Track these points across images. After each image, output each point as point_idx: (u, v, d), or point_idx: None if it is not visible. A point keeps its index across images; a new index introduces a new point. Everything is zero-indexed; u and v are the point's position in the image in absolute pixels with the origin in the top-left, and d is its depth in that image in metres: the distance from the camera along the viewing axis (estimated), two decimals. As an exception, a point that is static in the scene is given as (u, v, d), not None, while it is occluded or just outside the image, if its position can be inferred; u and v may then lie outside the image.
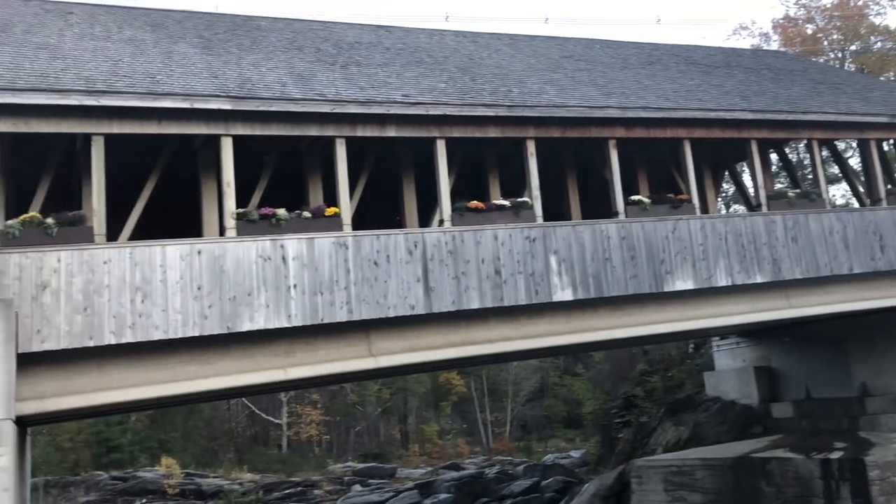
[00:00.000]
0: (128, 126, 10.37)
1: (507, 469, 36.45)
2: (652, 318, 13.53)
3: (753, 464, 16.25)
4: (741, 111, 14.31)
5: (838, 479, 14.67)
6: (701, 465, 17.32)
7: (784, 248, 14.23)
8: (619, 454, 23.73)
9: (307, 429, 43.49)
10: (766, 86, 16.76)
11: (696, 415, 21.48)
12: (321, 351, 11.27)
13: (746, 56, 20.53)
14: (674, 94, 14.72)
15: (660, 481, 17.80)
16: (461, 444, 46.78)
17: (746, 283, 13.84)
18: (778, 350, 20.56)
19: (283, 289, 10.56)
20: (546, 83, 14.14)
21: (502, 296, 11.92)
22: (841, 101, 16.31)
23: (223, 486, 34.64)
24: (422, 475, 36.22)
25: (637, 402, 25.87)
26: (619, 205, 13.20)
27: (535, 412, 50.89)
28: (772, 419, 20.07)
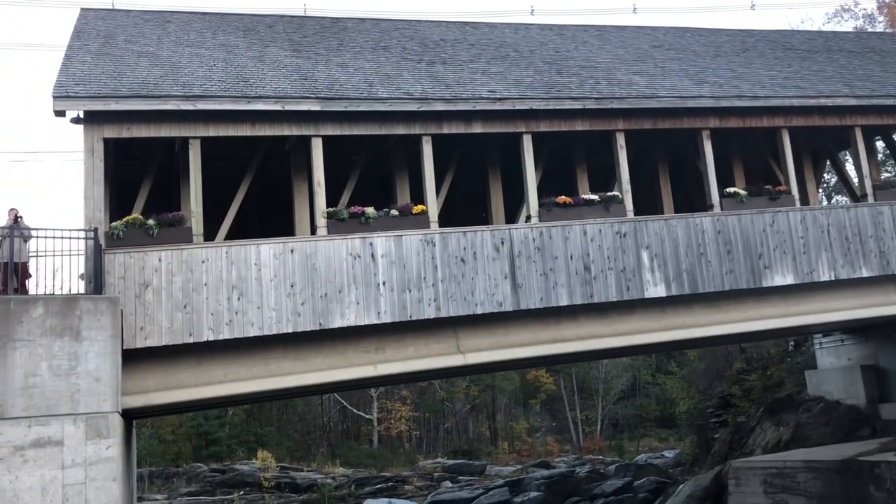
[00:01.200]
0: (223, 129, 10.70)
1: (599, 468, 35.90)
2: (749, 314, 13.05)
3: (861, 467, 15.44)
4: (844, 97, 13.63)
5: (955, 486, 13.79)
6: (804, 467, 16.58)
7: (893, 240, 13.48)
8: (715, 455, 23.01)
9: (397, 424, 44.03)
10: (872, 70, 15.89)
11: (798, 415, 20.59)
12: (410, 347, 11.37)
13: (849, 39, 19.51)
14: (770, 82, 14.13)
15: (759, 483, 17.13)
16: (551, 442, 46.42)
17: (851, 278, 13.19)
18: (886, 348, 19.49)
19: (372, 286, 10.69)
20: (635, 74, 13.82)
21: (592, 292, 11.73)
22: (959, 81, 15.31)
23: (316, 480, 35.43)
24: (511, 473, 36.12)
25: (734, 401, 25.04)
26: (714, 197, 12.79)
27: (626, 411, 50.00)
28: (881, 421, 19.04)
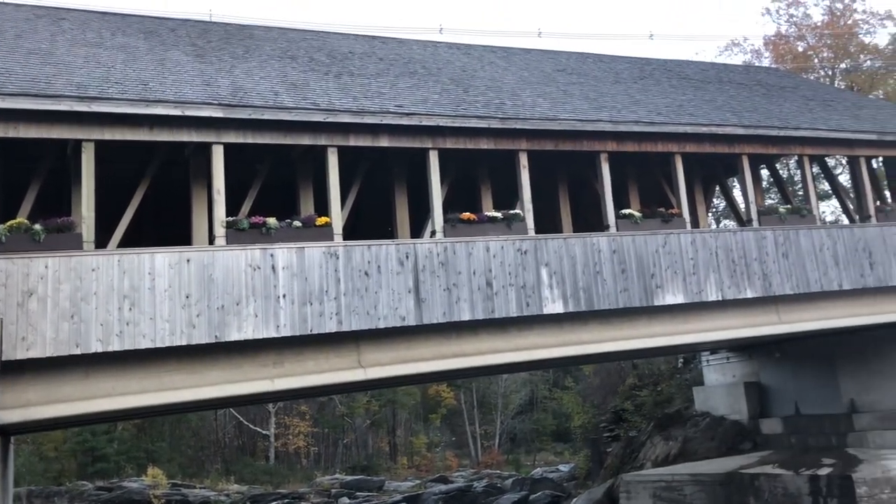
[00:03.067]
0: (119, 132, 10.31)
1: (496, 482, 36.29)
2: (642, 331, 13.52)
3: (742, 480, 16.21)
4: (732, 126, 14.37)
5: (826, 496, 14.64)
6: (690, 480, 17.28)
7: (774, 263, 14.26)
8: (608, 468, 23.66)
9: (295, 440, 43.22)
10: (758, 101, 16.85)
11: (686, 430, 21.45)
12: (310, 362, 11.21)
13: (738, 72, 20.66)
14: (665, 109, 14.77)
15: (649, 496, 17.74)
16: (450, 456, 46.59)
17: (737, 298, 13.86)
18: (768, 366, 20.58)
19: (272, 298, 10.50)
20: (539, 96, 14.17)
21: (493, 308, 11.89)
22: (831, 117, 16.42)
23: (210, 498, 34.31)
24: (410, 488, 36.02)
25: (626, 416, 25.85)
26: (611, 218, 13.21)
27: (524, 425, 50.78)
28: (761, 435, 20.08)
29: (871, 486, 14.31)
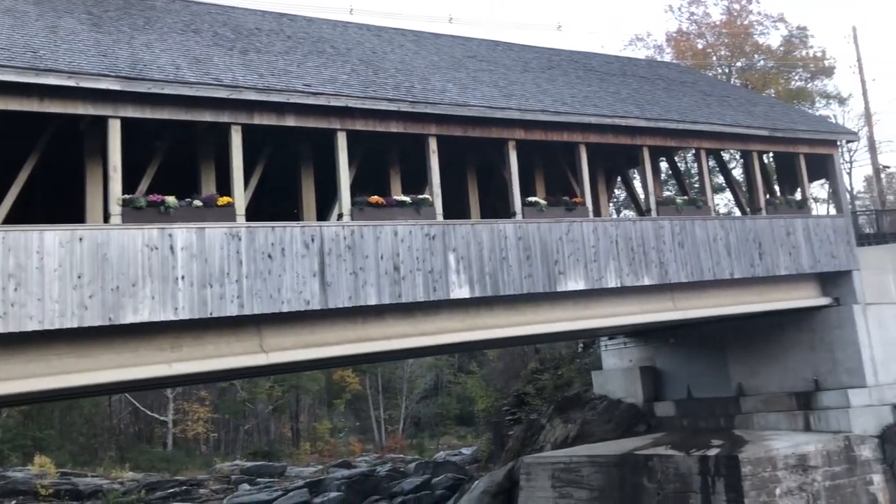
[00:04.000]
0: (4, 102, 9.69)
1: (399, 467, 36.46)
2: (545, 317, 13.80)
3: (637, 461, 16.79)
4: (635, 118, 14.77)
5: (714, 475, 15.35)
6: (587, 462, 17.77)
7: (671, 252, 14.78)
8: (510, 451, 24.10)
9: (194, 426, 42.14)
10: (659, 95, 17.37)
11: (584, 413, 22.04)
12: (209, 346, 10.92)
13: (641, 66, 21.24)
14: (571, 99, 15.04)
15: (547, 478, 18.15)
16: (353, 442, 46.49)
17: (635, 286, 14.30)
18: (662, 351, 21.37)
19: (170, 280, 10.14)
20: (449, 81, 14.17)
21: (400, 292, 11.86)
22: (727, 113, 17.09)
23: (102, 486, 33.08)
24: (312, 473, 35.76)
25: (528, 399, 26.38)
26: (517, 205, 13.37)
27: (428, 410, 51.16)
28: (655, 418, 20.83)
29: (755, 465, 15.08)
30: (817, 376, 17.40)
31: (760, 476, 15.03)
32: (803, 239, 16.62)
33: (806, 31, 34.33)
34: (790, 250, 16.39)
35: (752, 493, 14.82)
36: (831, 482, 15.55)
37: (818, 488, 15.40)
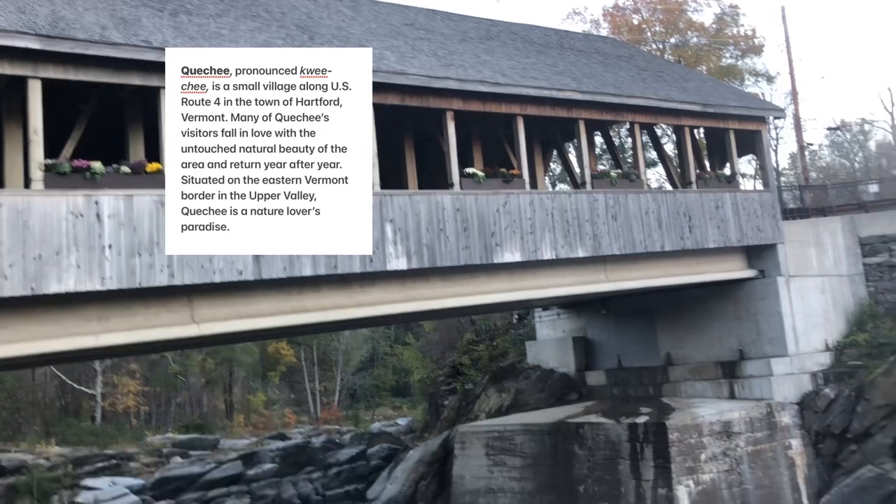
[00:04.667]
0: (-86, 59, 9.16)
1: (335, 438, 36.47)
2: (482, 288, 13.88)
3: (569, 428, 17.15)
4: (572, 91, 14.86)
5: (643, 442, 15.81)
6: (521, 430, 18.07)
7: (605, 224, 15.01)
8: (445, 421, 24.32)
9: (124, 400, 41.17)
10: (595, 69, 17.51)
11: (518, 382, 22.37)
12: (138, 317, 10.64)
13: (578, 39, 21.35)
14: (510, 71, 15.03)
15: (482, 446, 18.40)
16: (288, 414, 46.21)
17: (569, 258, 14.49)
18: (594, 322, 21.79)
19: (96, 249, 9.81)
20: (386, 49, 13.98)
21: (336, 263, 11.74)
22: (661, 88, 17.36)
23: (27, 461, 32.11)
24: (246, 446, 35.39)
25: (464, 370, 26.62)
26: (455, 177, 13.35)
27: (364, 381, 51.20)
28: (587, 386, 21.29)
29: (682, 432, 15.59)
30: (742, 346, 18.02)
31: (687, 442, 15.54)
32: (731, 213, 17.09)
33: (737, 9, 35.08)
34: (719, 224, 16.83)
35: (678, 459, 15.33)
36: (753, 447, 16.20)
37: (741, 453, 16.02)
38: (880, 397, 16.41)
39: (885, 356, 17.09)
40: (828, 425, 16.80)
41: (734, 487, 15.72)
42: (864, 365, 17.22)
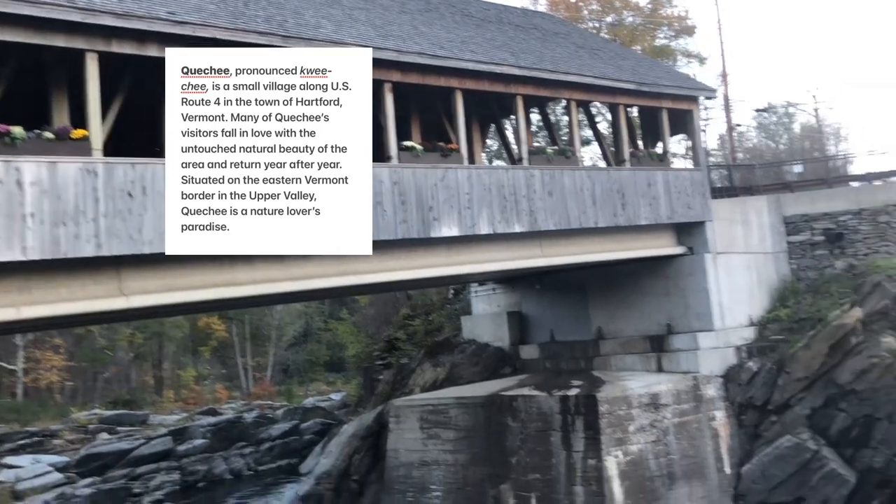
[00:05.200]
0: None
1: (267, 413, 36.20)
2: (419, 262, 13.85)
3: (502, 401, 17.37)
4: (510, 66, 14.86)
5: (574, 414, 16.13)
6: (455, 403, 18.21)
7: (541, 200, 15.14)
8: (379, 395, 24.37)
9: (47, 375, 39.92)
10: (533, 45, 17.54)
11: (453, 356, 22.53)
12: (63, 288, 10.27)
13: (516, 14, 21.33)
14: (449, 44, 14.93)
15: (416, 420, 18.48)
16: (219, 389, 45.60)
17: (506, 233, 14.58)
18: (529, 297, 22.05)
19: (17, 217, 9.39)
20: (323, 17, 13.71)
21: (269, 235, 11.52)
22: (597, 66, 17.51)
23: (-58, 440, 30.91)
24: (176, 421, 34.84)
25: (399, 344, 26.66)
26: (393, 150, 13.24)
27: (297, 357, 50.82)
28: (520, 360, 21.57)
29: (612, 404, 15.96)
30: (670, 321, 18.50)
31: (616, 414, 15.93)
32: (663, 191, 17.45)
33: (672, -10, 35.58)
34: (650, 201, 17.17)
35: (608, 430, 15.70)
36: (679, 419, 16.70)
37: (668, 425, 16.50)
38: (800, 370, 17.10)
39: (804, 331, 17.78)
40: (750, 397, 17.44)
41: (661, 458, 16.20)
42: (786, 339, 17.90)
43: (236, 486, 28.17)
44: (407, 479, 18.08)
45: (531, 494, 16.21)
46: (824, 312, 17.95)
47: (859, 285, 18.60)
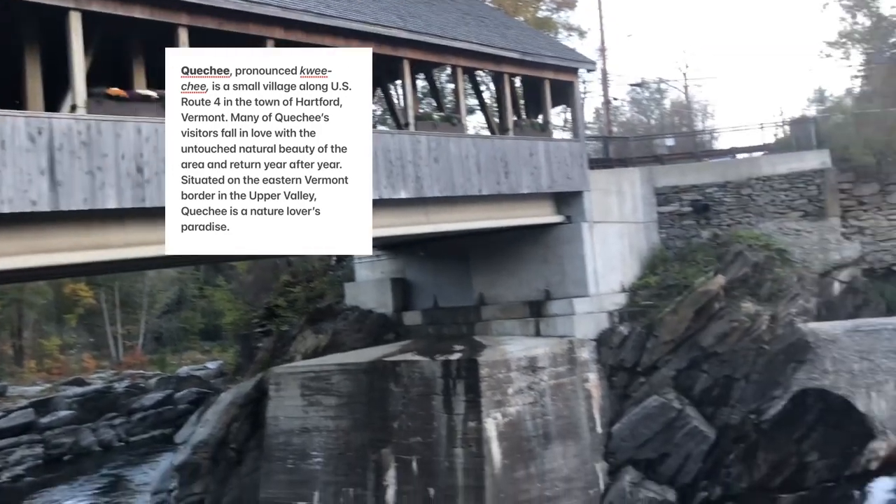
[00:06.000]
0: None
1: (139, 383, 34.91)
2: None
3: (385, 367, 17.43)
4: (398, 29, 14.69)
5: (456, 378, 16.41)
6: (337, 370, 18.12)
7: (427, 167, 15.15)
8: (259, 363, 23.90)
9: None
10: (421, 9, 17.39)
11: (336, 323, 22.35)
12: None
13: (403, -22, 21.05)
14: (336, 4, 14.56)
15: (297, 387, 18.27)
16: (87, 358, 43.47)
17: (392, 198, 14.52)
18: (412, 263, 22.14)
19: None
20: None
21: (144, 196, 11.01)
22: (483, 33, 17.58)
23: None
24: (39, 392, 33.00)
25: (279, 311, 26.17)
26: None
27: (171, 325, 49.13)
28: (403, 326, 21.68)
29: (492, 368, 16.33)
30: (548, 287, 19.06)
31: (496, 377, 16.32)
32: (544, 160, 17.84)
33: (555, -37, 36.11)
34: (532, 171, 17.53)
35: (487, 393, 16.08)
36: (555, 381, 17.31)
37: (544, 387, 17.07)
38: (667, 334, 18.07)
39: (672, 297, 18.77)
40: (621, 360, 18.29)
41: (537, 418, 16.76)
42: (655, 305, 18.83)
43: (107, 458, 27.10)
44: (287, 447, 17.90)
45: (412, 457, 16.43)
46: (690, 279, 18.99)
47: (723, 254, 19.80)
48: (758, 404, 17.34)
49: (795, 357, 17.54)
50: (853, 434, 16.86)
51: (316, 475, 17.36)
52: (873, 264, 20.71)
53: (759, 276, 19.26)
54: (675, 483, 17.18)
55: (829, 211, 20.57)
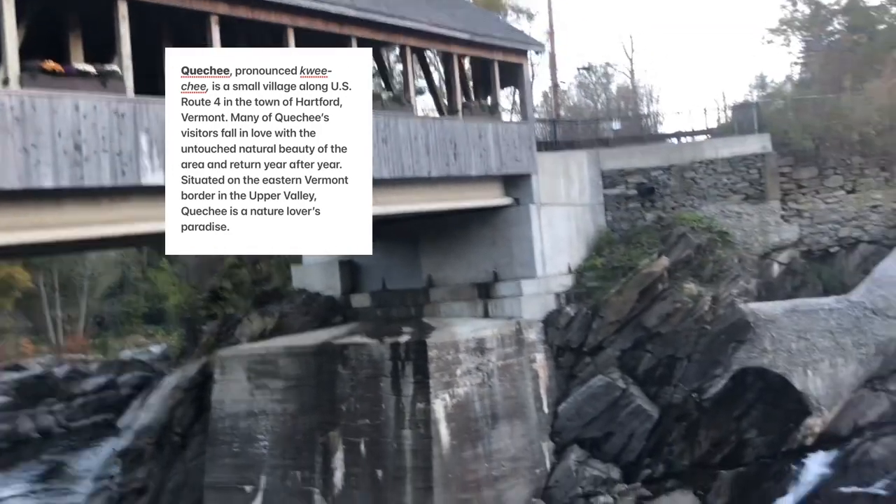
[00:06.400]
0: None
1: (80, 367, 34.07)
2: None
3: (333, 349, 17.33)
4: (345, 7, 14.46)
5: (404, 360, 16.41)
6: (284, 353, 17.96)
7: (376, 148, 15.00)
8: (204, 346, 23.54)
9: None
10: (369, -13, 17.17)
11: (282, 306, 22.12)
12: None
13: (352, -44, 20.75)
14: (281, -21, 14.26)
15: (243, 370, 18.05)
16: (25, 343, 42.21)
17: (342, 179, 14.31)
18: (361, 245, 21.96)
19: None
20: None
21: (83, 175, 10.67)
22: (433, 13, 17.42)
23: None
24: (-28, 379, 31.96)
25: (225, 294, 25.80)
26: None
27: (113, 308, 47.99)
28: (352, 309, 21.56)
29: (440, 349, 16.37)
30: (496, 269, 19.15)
31: (444, 359, 16.37)
32: (493, 143, 17.85)
33: (504, -56, 35.98)
34: (481, 153, 17.53)
35: (436, 374, 16.12)
36: (503, 362, 17.44)
37: (492, 367, 17.19)
38: (612, 315, 18.35)
39: (617, 278, 19.05)
40: (567, 340, 18.52)
41: (485, 399, 16.89)
42: (600, 286, 19.10)
43: (46, 445, 26.44)
44: (233, 431, 17.68)
45: (360, 440, 16.40)
46: (635, 261, 19.30)
47: (666, 236, 20.16)
48: (700, 383, 17.75)
49: (736, 337, 17.98)
50: (790, 411, 17.42)
51: (262, 459, 17.20)
52: (811, 246, 21.31)
53: (702, 257, 19.69)
54: (619, 461, 17.52)
55: (769, 194, 21.08)
